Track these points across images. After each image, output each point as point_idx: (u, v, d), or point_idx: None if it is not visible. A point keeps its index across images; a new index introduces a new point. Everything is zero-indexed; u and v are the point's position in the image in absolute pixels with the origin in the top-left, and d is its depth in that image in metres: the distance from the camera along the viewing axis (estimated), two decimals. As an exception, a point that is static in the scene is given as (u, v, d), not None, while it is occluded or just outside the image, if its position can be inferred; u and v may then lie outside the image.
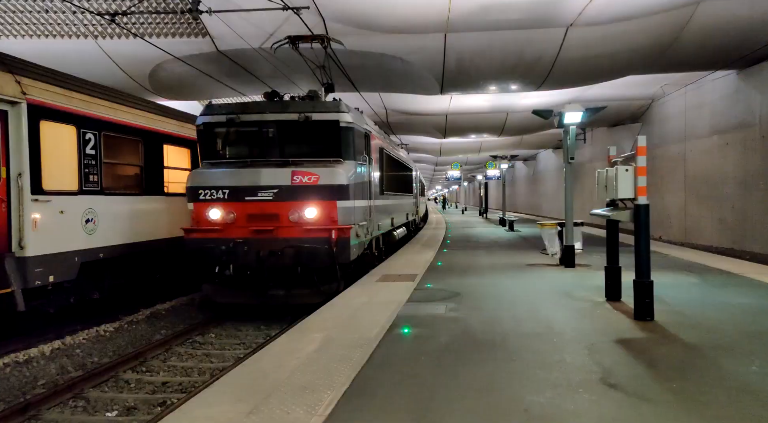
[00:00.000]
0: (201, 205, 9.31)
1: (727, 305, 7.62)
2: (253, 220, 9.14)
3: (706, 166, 16.76)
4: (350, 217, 9.40)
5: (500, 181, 33.46)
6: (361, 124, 10.57)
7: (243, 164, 9.52)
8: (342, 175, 9.24)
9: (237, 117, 9.59)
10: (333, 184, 9.12)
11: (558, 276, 10.51)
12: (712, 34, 12.14)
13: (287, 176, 9.11)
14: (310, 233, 8.99)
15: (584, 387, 4.41)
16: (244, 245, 8.97)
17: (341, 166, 9.42)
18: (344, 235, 9.12)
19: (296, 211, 9.04)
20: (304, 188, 9.07)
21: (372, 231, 11.27)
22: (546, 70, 13.74)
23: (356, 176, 9.79)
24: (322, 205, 9.08)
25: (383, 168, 13.29)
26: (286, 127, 9.54)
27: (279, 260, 8.89)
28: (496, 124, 23.58)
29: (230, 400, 4.22)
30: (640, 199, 6.76)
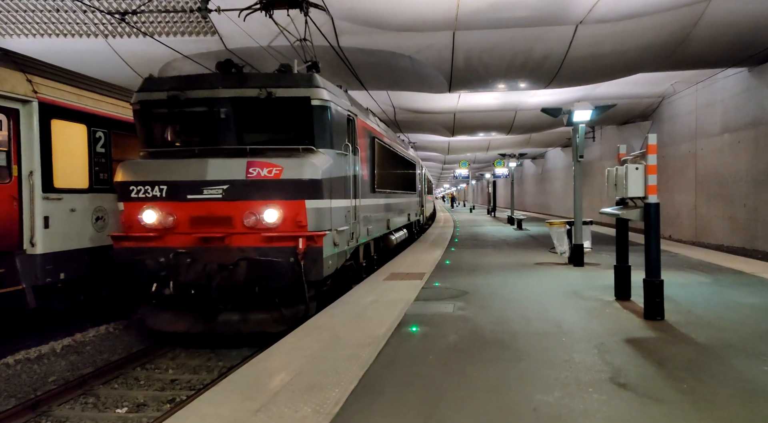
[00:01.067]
0: (133, 206, 7.52)
1: (739, 305, 7.55)
2: (198, 224, 7.39)
3: (717, 165, 16.61)
4: (325, 221, 7.62)
5: (508, 180, 33.36)
6: (343, 105, 8.67)
7: (188, 154, 7.71)
8: (313, 168, 7.40)
9: (181, 94, 7.71)
10: (300, 179, 7.30)
11: (567, 275, 10.46)
12: (723, 31, 12.02)
13: (241, 168, 7.30)
14: (271, 242, 7.22)
15: (594, 387, 4.38)
16: (186, 257, 7.29)
17: (313, 157, 7.58)
18: (315, 245, 7.30)
19: (253, 214, 7.23)
20: (263, 184, 7.26)
21: (358, 237, 9.52)
22: (555, 67, 13.67)
23: (334, 169, 7.98)
24: (286, 205, 7.27)
25: (376, 161, 11.45)
26: (244, 106, 7.73)
27: (231, 276, 7.15)
28: (504, 122, 23.50)
29: (238, 399, 4.23)
30: (650, 198, 6.71)
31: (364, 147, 10.20)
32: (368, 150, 10.75)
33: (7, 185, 7.61)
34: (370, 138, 10.92)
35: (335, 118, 8.16)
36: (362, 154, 9.98)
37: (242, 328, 7.39)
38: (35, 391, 6.41)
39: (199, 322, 7.39)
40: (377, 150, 11.68)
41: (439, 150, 35.77)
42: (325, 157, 7.78)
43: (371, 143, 11.05)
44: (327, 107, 7.88)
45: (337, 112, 8.24)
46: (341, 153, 8.41)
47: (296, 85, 7.78)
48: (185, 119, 8.14)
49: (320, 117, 7.82)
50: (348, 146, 8.79)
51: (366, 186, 10.36)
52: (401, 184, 15.95)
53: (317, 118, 7.80)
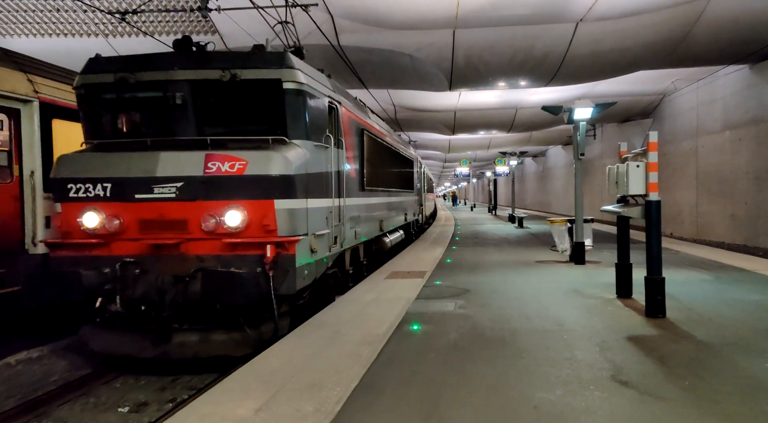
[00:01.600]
0: (72, 207, 6.50)
1: (740, 302, 7.55)
2: (148, 229, 6.39)
3: (718, 162, 16.58)
4: (299, 224, 6.57)
5: (509, 178, 33.35)
6: (323, 90, 7.64)
7: (138, 146, 6.68)
8: (283, 162, 6.34)
9: (131, 76, 6.71)
10: (268, 175, 6.25)
11: (568, 273, 10.45)
12: (723, 29, 12.00)
13: (199, 163, 6.30)
14: (234, 250, 6.21)
15: (595, 384, 4.38)
16: (135, 267, 6.30)
17: (284, 149, 6.50)
18: (286, 252, 6.25)
19: (212, 216, 6.19)
20: (224, 181, 6.25)
21: (343, 241, 8.46)
22: (555, 65, 13.65)
23: (311, 164, 6.95)
24: (251, 206, 6.25)
25: (366, 156, 10.36)
26: (204, 90, 6.73)
27: (187, 290, 6.17)
28: (505, 120, 23.48)
29: (239, 397, 4.23)
30: (652, 196, 6.70)
31: (350, 140, 9.17)
32: (356, 143, 9.70)
33: (8, 185, 7.61)
34: (358, 130, 9.88)
35: (313, 105, 7.15)
36: (348, 147, 8.98)
37: (201, 352, 6.27)
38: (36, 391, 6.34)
39: (151, 345, 6.28)
40: (367, 144, 10.62)
41: (439, 148, 35.75)
42: (299, 150, 6.70)
43: (359, 136, 9.98)
44: (302, 92, 6.82)
45: (315, 99, 7.24)
46: (321, 145, 7.36)
47: (265, 66, 6.74)
48: (136, 106, 7.07)
49: (294, 103, 6.77)
50: (329, 138, 7.71)
51: (353, 183, 9.36)
52: (396, 182, 14.95)
53: (290, 104, 6.75)
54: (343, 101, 8.76)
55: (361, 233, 9.95)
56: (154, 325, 6.24)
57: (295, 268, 6.34)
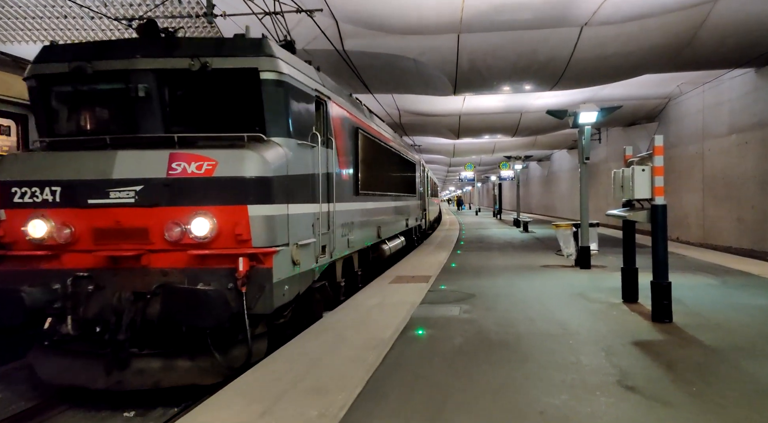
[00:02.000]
0: (17, 214, 5.74)
1: (747, 307, 7.49)
2: (104, 238, 5.61)
3: (724, 166, 16.51)
4: (278, 233, 5.83)
5: (514, 182, 33.28)
6: (309, 83, 6.88)
7: (96, 144, 5.88)
8: (259, 162, 5.64)
9: (88, 65, 5.91)
10: (241, 177, 5.56)
11: (573, 277, 10.41)
12: (729, 32, 11.97)
13: (161, 163, 5.58)
14: (203, 262, 5.53)
15: (601, 389, 4.36)
16: (89, 282, 5.58)
17: (261, 148, 5.77)
18: (262, 265, 5.58)
19: (177, 224, 5.46)
20: (190, 184, 5.55)
21: (333, 250, 7.76)
22: (560, 69, 13.64)
23: (294, 165, 6.22)
24: (221, 212, 5.52)
25: (361, 157, 9.61)
26: (171, 81, 6.00)
27: (148, 309, 5.46)
28: (509, 124, 23.47)
29: (244, 402, 4.23)
30: (657, 200, 6.67)
31: (342, 139, 8.43)
32: (349, 143, 8.93)
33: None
34: (351, 129, 9.07)
35: (296, 99, 6.40)
36: (340, 147, 8.23)
37: (163, 381, 5.50)
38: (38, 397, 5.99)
39: (105, 372, 5.44)
40: (363, 144, 9.88)
41: (444, 152, 35.76)
42: (279, 149, 5.96)
43: (354, 136, 9.20)
44: (283, 83, 6.09)
45: (299, 91, 6.48)
46: (305, 144, 6.60)
47: (241, 54, 6.01)
48: (94, 99, 6.27)
49: (273, 95, 6.02)
50: (316, 136, 6.91)
51: (346, 187, 8.62)
52: (397, 186, 14.17)
53: (269, 97, 6.00)
54: (333, 96, 8.04)
55: (355, 241, 9.20)
56: (109, 350, 5.41)
57: (272, 284, 5.61)
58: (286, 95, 6.17)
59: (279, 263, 5.79)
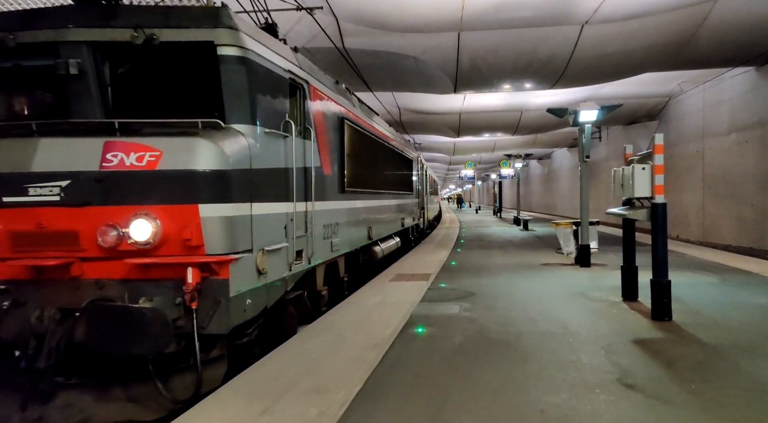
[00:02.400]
0: None
1: (747, 305, 7.49)
2: (23, 244, 4.74)
3: (724, 164, 16.51)
4: (238, 237, 4.98)
5: (514, 180, 33.28)
6: (280, 63, 5.99)
7: (18, 131, 4.96)
8: (214, 152, 4.80)
9: (10, 37, 4.96)
10: (191, 171, 4.73)
11: (573, 275, 10.41)
12: (729, 31, 11.96)
13: (94, 154, 4.71)
14: (147, 272, 4.69)
15: (601, 388, 4.36)
16: (5, 297, 4.70)
17: (218, 136, 4.91)
18: (216, 276, 4.75)
19: (113, 227, 4.61)
20: (129, 179, 4.70)
21: (311, 255, 6.84)
22: (560, 68, 13.63)
23: (259, 157, 5.34)
24: (167, 213, 4.68)
25: (347, 151, 8.68)
26: (111, 55, 5.06)
27: (77, 330, 4.57)
28: (510, 122, 23.47)
29: (243, 401, 4.23)
30: (657, 198, 6.67)
31: (325, 130, 7.55)
32: (334, 135, 8.04)
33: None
34: (336, 119, 8.18)
35: (264, 81, 5.54)
36: (322, 139, 7.37)
37: (94, 416, 4.67)
38: None
39: (21, 407, 4.59)
40: (351, 137, 8.96)
41: (444, 151, 35.76)
42: (240, 138, 5.10)
43: (339, 126, 8.31)
44: (246, 61, 5.22)
45: (267, 72, 5.62)
46: (276, 134, 5.72)
47: (194, 25, 5.06)
48: (18, 77, 5.26)
49: (233, 75, 5.14)
50: (290, 125, 6.00)
51: (330, 184, 7.76)
52: (391, 183, 13.35)
53: (229, 77, 5.11)
54: (313, 81, 7.09)
55: (340, 244, 8.29)
56: (29, 379, 4.49)
57: (229, 298, 4.78)
58: (249, 75, 5.24)
59: (239, 273, 4.95)
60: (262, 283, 5.40)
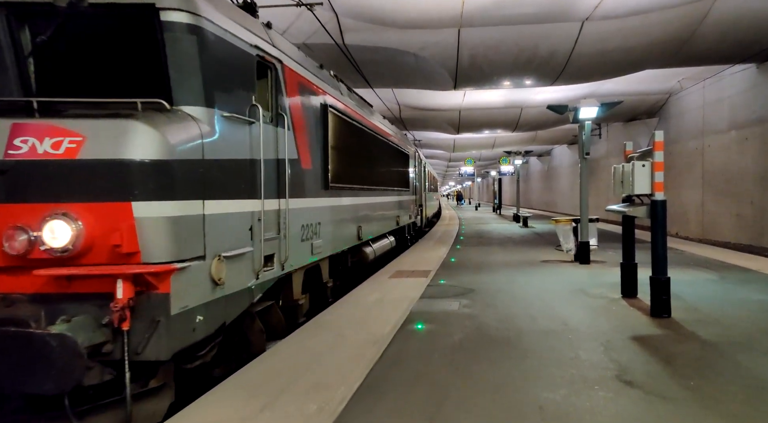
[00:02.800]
0: None
1: (745, 302, 7.51)
2: None
3: (724, 162, 16.51)
4: (185, 241, 4.19)
5: (514, 177, 33.27)
6: (245, 36, 5.19)
7: None
8: (151, 138, 3.98)
9: None
10: (122, 161, 3.91)
11: (573, 272, 10.42)
12: (730, 28, 11.94)
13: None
14: (68, 285, 3.94)
15: (600, 384, 4.37)
16: None
17: (160, 119, 4.10)
18: (155, 290, 3.96)
19: (21, 230, 3.82)
20: (43, 170, 3.88)
21: (286, 259, 6.01)
22: (561, 64, 13.61)
23: (217, 145, 4.56)
24: (92, 212, 3.88)
25: (331, 142, 7.84)
26: (30, 20, 4.32)
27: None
28: (510, 119, 23.45)
29: (243, 397, 4.24)
30: (657, 195, 6.68)
31: (304, 118, 6.73)
32: (316, 125, 7.23)
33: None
34: (318, 106, 7.33)
35: (223, 55, 4.75)
36: (300, 127, 6.55)
37: None
38: None
39: None
40: (336, 127, 8.15)
41: (444, 147, 35.74)
42: (190, 122, 4.29)
43: (322, 115, 7.50)
44: (199, 29, 4.41)
45: (227, 46, 4.82)
46: (238, 119, 4.95)
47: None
48: None
49: (182, 46, 4.30)
50: (257, 110, 5.21)
51: (310, 179, 6.93)
52: (385, 179, 12.58)
53: (176, 48, 4.28)
54: (288, 61, 6.20)
55: (323, 246, 7.48)
56: None
57: (170, 317, 3.97)
58: (203, 48, 4.44)
59: (185, 285, 4.12)
60: (218, 295, 4.60)
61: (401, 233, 15.84)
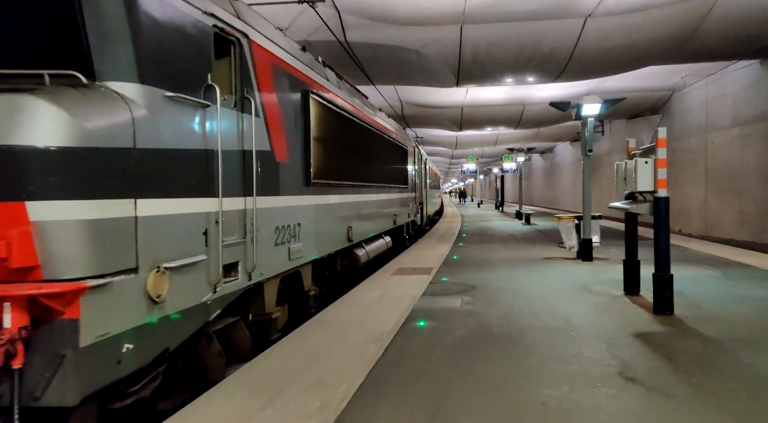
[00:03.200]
0: None
1: (748, 299, 7.49)
2: None
3: (727, 158, 16.47)
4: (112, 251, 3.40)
5: (516, 174, 33.23)
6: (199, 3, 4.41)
7: None
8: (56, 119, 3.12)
9: None
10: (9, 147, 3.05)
11: (575, 269, 10.41)
12: (733, 24, 11.89)
13: None
14: None
15: (602, 381, 4.36)
16: None
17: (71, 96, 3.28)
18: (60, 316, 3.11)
19: None
20: None
21: (254, 268, 5.18)
22: (563, 61, 13.58)
23: (156, 130, 3.80)
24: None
25: (314, 134, 6.97)
26: None
27: None
28: (512, 116, 23.41)
29: (245, 394, 4.24)
30: (660, 192, 6.66)
31: (279, 104, 5.91)
32: (295, 113, 6.37)
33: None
34: (300, 92, 6.56)
35: (164, 21, 3.93)
36: (274, 115, 5.73)
37: None
38: None
39: None
40: (321, 116, 7.30)
41: (446, 145, 35.70)
42: (116, 101, 3.50)
43: (303, 101, 6.66)
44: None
45: (169, 9, 3.99)
46: (188, 101, 4.14)
47: None
48: None
49: (106, 7, 3.52)
50: (215, 90, 4.40)
51: (288, 174, 6.09)
52: (381, 175, 11.68)
53: (96, 8, 3.49)
54: (256, 36, 5.37)
55: (304, 250, 6.62)
56: None
57: (79, 349, 3.13)
58: (134, 8, 3.62)
59: (105, 307, 3.30)
60: (158, 316, 3.76)
61: (399, 233, 15.19)
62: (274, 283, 5.99)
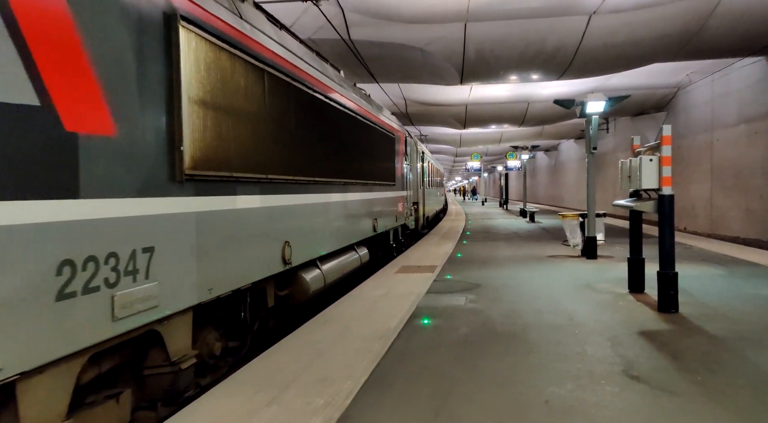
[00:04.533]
0: None
1: (754, 297, 7.47)
2: None
3: (733, 156, 16.40)
4: None
5: (521, 172, 33.18)
6: None
7: None
8: None
9: None
10: None
11: (580, 267, 10.40)
12: (739, 21, 11.84)
13: None
14: None
15: (606, 379, 4.36)
16: None
17: None
18: None
19: None
20: None
21: None
22: (568, 59, 13.54)
23: None
24: None
25: (194, 92, 4.27)
26: None
27: None
28: (516, 114, 23.37)
29: (250, 391, 4.26)
30: (665, 190, 6.64)
31: (75, 24, 3.12)
32: (134, 49, 3.62)
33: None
34: (154, 15, 3.83)
35: None
36: (55, 40, 2.98)
37: None
38: None
39: None
40: (212, 67, 4.58)
41: (450, 142, 35.66)
42: None
43: (165, 34, 3.97)
44: None
45: None
46: None
47: None
48: None
49: None
50: None
51: (108, 160, 3.36)
52: (345, 168, 8.70)
53: None
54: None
55: (162, 296, 3.88)
56: None
57: None
58: None
59: None
60: None
61: (382, 241, 12.43)
62: (62, 372, 3.14)
